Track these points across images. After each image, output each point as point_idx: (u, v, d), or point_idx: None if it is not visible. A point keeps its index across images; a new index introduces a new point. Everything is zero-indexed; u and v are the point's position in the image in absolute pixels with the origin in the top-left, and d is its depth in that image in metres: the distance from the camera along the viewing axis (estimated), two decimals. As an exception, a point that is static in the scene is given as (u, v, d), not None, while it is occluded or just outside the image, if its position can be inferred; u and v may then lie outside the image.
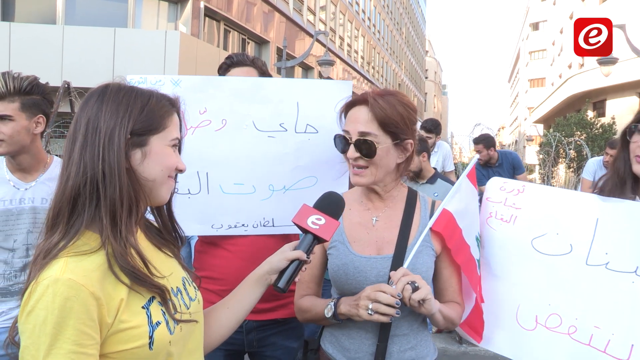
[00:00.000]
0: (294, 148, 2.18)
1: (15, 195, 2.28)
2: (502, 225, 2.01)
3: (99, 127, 1.22)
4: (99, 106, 1.25)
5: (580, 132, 22.36)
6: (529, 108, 58.46)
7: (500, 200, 2.04)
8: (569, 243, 1.90)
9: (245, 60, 2.42)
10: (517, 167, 6.92)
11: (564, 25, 42.94)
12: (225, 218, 2.19)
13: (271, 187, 2.19)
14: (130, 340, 1.19)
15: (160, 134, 1.31)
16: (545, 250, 1.92)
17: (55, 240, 1.19)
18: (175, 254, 1.47)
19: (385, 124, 1.72)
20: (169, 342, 1.26)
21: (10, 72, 2.30)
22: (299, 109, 2.19)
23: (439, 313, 1.71)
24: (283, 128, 2.18)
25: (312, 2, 30.53)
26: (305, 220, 1.57)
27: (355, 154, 1.74)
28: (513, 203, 2.01)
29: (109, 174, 1.20)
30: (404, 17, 60.30)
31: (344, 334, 1.79)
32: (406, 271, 1.64)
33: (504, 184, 2.07)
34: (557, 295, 1.88)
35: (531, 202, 1.99)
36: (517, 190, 2.02)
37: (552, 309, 1.87)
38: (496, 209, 2.04)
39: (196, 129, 2.14)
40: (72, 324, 1.09)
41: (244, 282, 1.61)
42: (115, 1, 18.26)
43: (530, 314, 1.91)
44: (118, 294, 1.18)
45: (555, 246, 1.92)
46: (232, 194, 2.17)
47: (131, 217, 1.25)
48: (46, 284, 1.10)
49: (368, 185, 1.83)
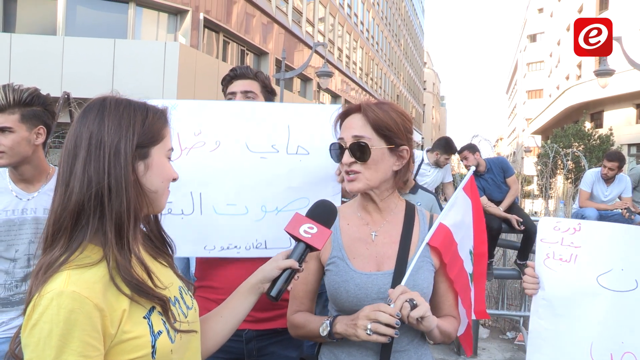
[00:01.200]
0: (286, 169, 2.20)
1: (17, 206, 2.28)
2: (562, 265, 1.97)
3: (103, 142, 1.23)
4: (101, 120, 1.26)
5: (578, 143, 22.45)
6: (527, 119, 58.68)
7: (556, 240, 2.00)
8: (634, 279, 1.87)
9: (248, 73, 2.45)
10: (506, 170, 6.98)
11: (561, 37, 43.24)
12: (218, 239, 2.19)
13: (264, 208, 2.21)
14: (134, 350, 1.20)
15: (159, 145, 1.34)
16: (612, 286, 1.89)
17: (57, 255, 1.20)
18: (169, 263, 1.48)
19: (378, 128, 1.73)
20: (170, 350, 1.27)
21: (10, 85, 2.31)
22: (290, 131, 2.23)
23: (436, 329, 1.70)
24: (275, 149, 2.21)
25: (310, 14, 30.72)
26: (297, 229, 1.57)
27: (350, 159, 1.73)
28: (571, 242, 1.98)
29: (116, 187, 1.22)
30: (402, 29, 60.65)
31: (343, 352, 1.76)
32: (404, 289, 1.61)
33: (557, 223, 2.03)
34: (629, 332, 1.85)
35: (590, 240, 1.96)
36: (574, 229, 1.99)
37: (625, 347, 1.84)
38: (553, 250, 2.00)
39: (190, 149, 2.17)
40: (78, 335, 1.10)
41: (237, 291, 1.62)
42: (115, 12, 18.36)
43: (605, 351, 1.87)
44: (120, 305, 1.19)
45: (621, 282, 1.88)
46: (225, 214, 2.18)
47: (136, 228, 1.28)
48: (50, 297, 1.11)
49: (363, 191, 1.80)
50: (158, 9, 19.13)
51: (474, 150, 6.95)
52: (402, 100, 59.68)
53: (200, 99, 2.33)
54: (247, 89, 2.47)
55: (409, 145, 1.81)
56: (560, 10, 45.00)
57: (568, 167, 16.99)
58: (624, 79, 24.42)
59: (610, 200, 7.04)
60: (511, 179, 6.74)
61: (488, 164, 6.93)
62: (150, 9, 19.01)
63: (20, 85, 2.34)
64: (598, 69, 14.67)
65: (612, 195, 7.05)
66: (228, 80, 2.49)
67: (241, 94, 2.47)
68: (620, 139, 28.36)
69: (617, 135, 27.80)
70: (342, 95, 34.88)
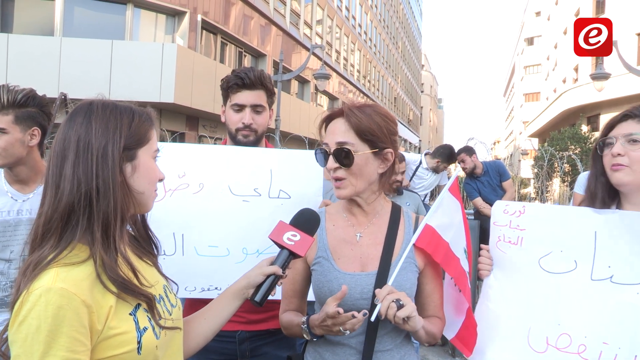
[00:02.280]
0: (267, 212, 2.24)
1: (13, 207, 2.29)
2: (510, 247, 2.01)
3: (91, 145, 1.27)
4: (88, 124, 1.29)
5: (575, 146, 22.48)
6: (524, 122, 58.75)
7: (505, 223, 2.05)
8: (573, 260, 1.90)
9: (256, 83, 2.41)
10: (502, 174, 7.05)
11: (559, 40, 43.34)
12: (199, 280, 2.22)
13: (245, 250, 2.25)
14: (120, 346, 1.23)
15: (145, 147, 1.38)
16: (552, 269, 1.92)
17: (45, 253, 1.23)
18: (154, 262, 1.52)
19: (362, 132, 1.74)
20: (155, 346, 1.31)
21: (5, 86, 2.31)
22: (272, 176, 2.27)
23: (422, 329, 1.72)
24: (257, 193, 2.26)
25: (308, 16, 30.75)
26: (281, 236, 1.63)
27: (334, 164, 1.76)
28: (517, 225, 2.02)
29: (103, 189, 1.26)
30: (400, 32, 60.72)
31: (327, 350, 1.80)
32: (391, 289, 1.65)
33: (506, 206, 2.07)
34: (566, 314, 1.87)
35: (533, 222, 2.00)
36: (519, 212, 2.03)
37: (561, 328, 1.87)
38: (503, 232, 2.04)
39: (174, 191, 2.21)
40: (66, 331, 1.12)
41: (221, 295, 1.67)
42: (113, 13, 18.36)
43: (541, 335, 1.90)
44: (107, 301, 1.22)
45: (561, 264, 1.91)
46: (207, 256, 2.21)
47: (123, 228, 1.32)
48: (38, 294, 1.14)
49: (350, 197, 1.83)
50: (156, 10, 19.13)
51: (471, 152, 7.00)
52: (400, 103, 59.74)
53: (197, 101, 2.35)
54: (257, 103, 2.43)
55: (394, 148, 1.83)
56: (557, 13, 45.11)
57: (564, 170, 17.01)
58: (620, 83, 24.48)
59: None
60: (507, 182, 6.78)
61: (485, 167, 6.99)
62: (148, 10, 19.01)
63: (16, 86, 2.34)
64: (594, 72, 14.74)
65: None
66: (235, 89, 2.42)
67: (251, 109, 2.42)
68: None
69: (613, 138, 27.78)
70: (339, 98, 34.89)
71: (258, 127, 2.44)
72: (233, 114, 2.43)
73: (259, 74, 2.43)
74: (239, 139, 2.43)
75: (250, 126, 2.41)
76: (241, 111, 2.42)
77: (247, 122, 2.40)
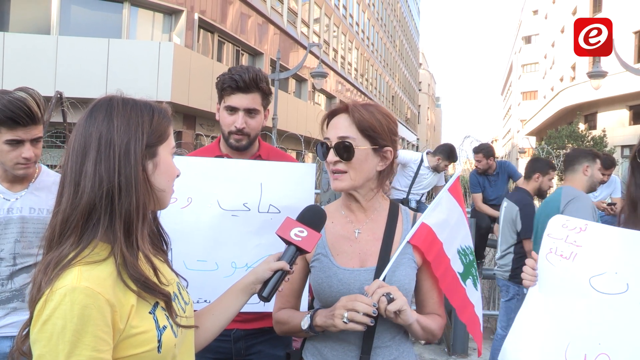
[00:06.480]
0: (256, 227, 2.22)
1: (3, 206, 2.28)
2: (561, 261, 1.99)
3: (113, 142, 1.26)
4: (109, 120, 1.28)
5: (572, 144, 22.54)
6: (522, 120, 58.92)
7: (561, 237, 2.02)
8: (625, 282, 1.87)
9: (251, 86, 2.36)
10: (513, 175, 7.09)
11: (556, 38, 43.46)
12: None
13: (234, 264, 2.23)
14: (141, 345, 1.23)
15: (165, 144, 1.37)
16: (603, 289, 1.90)
17: (66, 252, 1.21)
18: (165, 259, 1.51)
19: (363, 128, 1.77)
20: (174, 344, 1.31)
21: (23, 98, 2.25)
22: (262, 190, 2.25)
23: (416, 324, 1.73)
24: (246, 207, 2.23)
25: (306, 15, 30.76)
26: (288, 232, 1.64)
27: (334, 158, 1.78)
28: (574, 240, 1.99)
29: (126, 186, 1.24)
30: (398, 30, 60.76)
31: (326, 346, 1.80)
32: (381, 283, 1.66)
33: (566, 221, 2.05)
34: (609, 334, 1.85)
35: (593, 241, 1.97)
36: (580, 229, 2.00)
37: (601, 348, 1.84)
38: (556, 245, 2.02)
39: None
40: (91, 330, 1.12)
41: (229, 290, 1.67)
42: (109, 12, 18.33)
43: (579, 352, 1.87)
44: (128, 300, 1.22)
45: (612, 285, 1.89)
46: (196, 270, 2.19)
47: (144, 225, 1.31)
48: (63, 293, 1.13)
49: (347, 190, 1.84)
50: (153, 8, 19.12)
51: (489, 155, 7.05)
52: (397, 101, 59.80)
53: (194, 99, 2.33)
54: (250, 107, 2.39)
55: (393, 147, 1.85)
56: (554, 12, 45.23)
57: (561, 168, 17.06)
58: (617, 81, 24.56)
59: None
60: (520, 182, 6.82)
61: (498, 167, 7.05)
62: (145, 8, 18.99)
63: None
64: (591, 70, 14.77)
65: (602, 196, 7.09)
66: (229, 91, 2.38)
67: (244, 113, 2.38)
68: (614, 140, 28.52)
69: (610, 136, 27.96)
70: (337, 96, 34.91)
71: (251, 131, 2.41)
72: (226, 115, 2.40)
73: (254, 76, 2.37)
74: (231, 142, 2.41)
75: (242, 130, 2.37)
76: (234, 114, 2.39)
77: (240, 126, 2.37)
